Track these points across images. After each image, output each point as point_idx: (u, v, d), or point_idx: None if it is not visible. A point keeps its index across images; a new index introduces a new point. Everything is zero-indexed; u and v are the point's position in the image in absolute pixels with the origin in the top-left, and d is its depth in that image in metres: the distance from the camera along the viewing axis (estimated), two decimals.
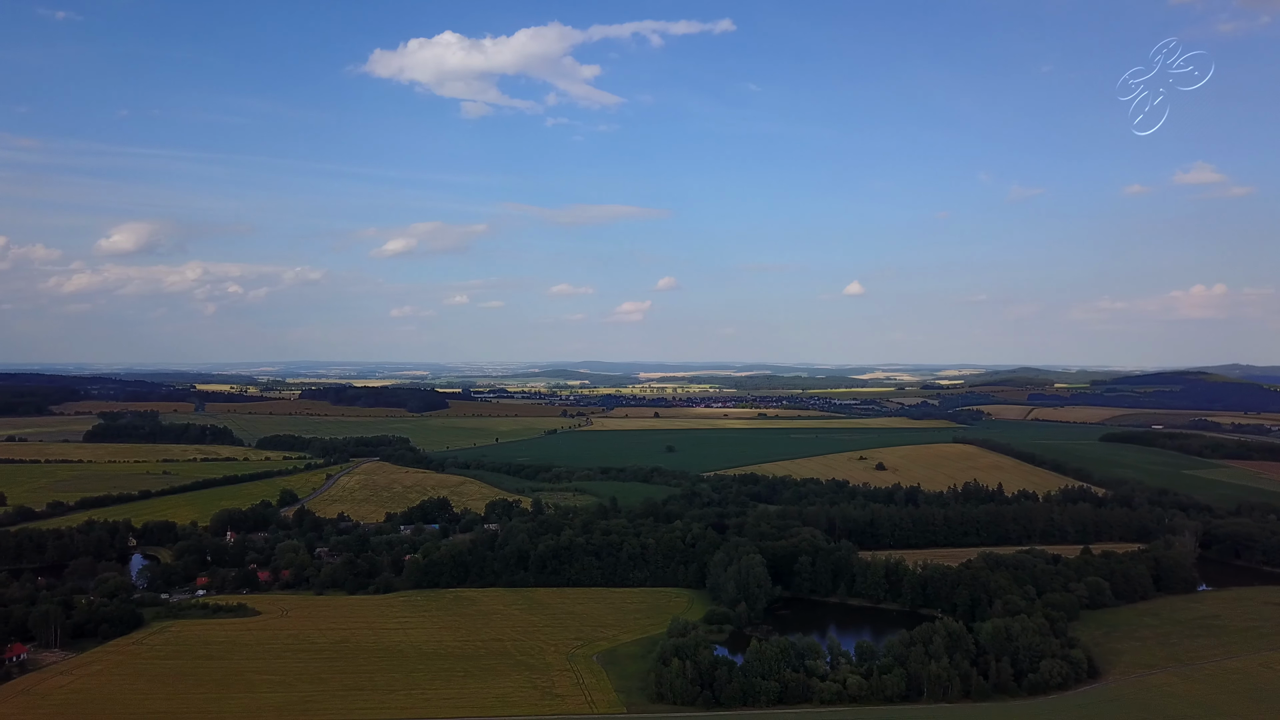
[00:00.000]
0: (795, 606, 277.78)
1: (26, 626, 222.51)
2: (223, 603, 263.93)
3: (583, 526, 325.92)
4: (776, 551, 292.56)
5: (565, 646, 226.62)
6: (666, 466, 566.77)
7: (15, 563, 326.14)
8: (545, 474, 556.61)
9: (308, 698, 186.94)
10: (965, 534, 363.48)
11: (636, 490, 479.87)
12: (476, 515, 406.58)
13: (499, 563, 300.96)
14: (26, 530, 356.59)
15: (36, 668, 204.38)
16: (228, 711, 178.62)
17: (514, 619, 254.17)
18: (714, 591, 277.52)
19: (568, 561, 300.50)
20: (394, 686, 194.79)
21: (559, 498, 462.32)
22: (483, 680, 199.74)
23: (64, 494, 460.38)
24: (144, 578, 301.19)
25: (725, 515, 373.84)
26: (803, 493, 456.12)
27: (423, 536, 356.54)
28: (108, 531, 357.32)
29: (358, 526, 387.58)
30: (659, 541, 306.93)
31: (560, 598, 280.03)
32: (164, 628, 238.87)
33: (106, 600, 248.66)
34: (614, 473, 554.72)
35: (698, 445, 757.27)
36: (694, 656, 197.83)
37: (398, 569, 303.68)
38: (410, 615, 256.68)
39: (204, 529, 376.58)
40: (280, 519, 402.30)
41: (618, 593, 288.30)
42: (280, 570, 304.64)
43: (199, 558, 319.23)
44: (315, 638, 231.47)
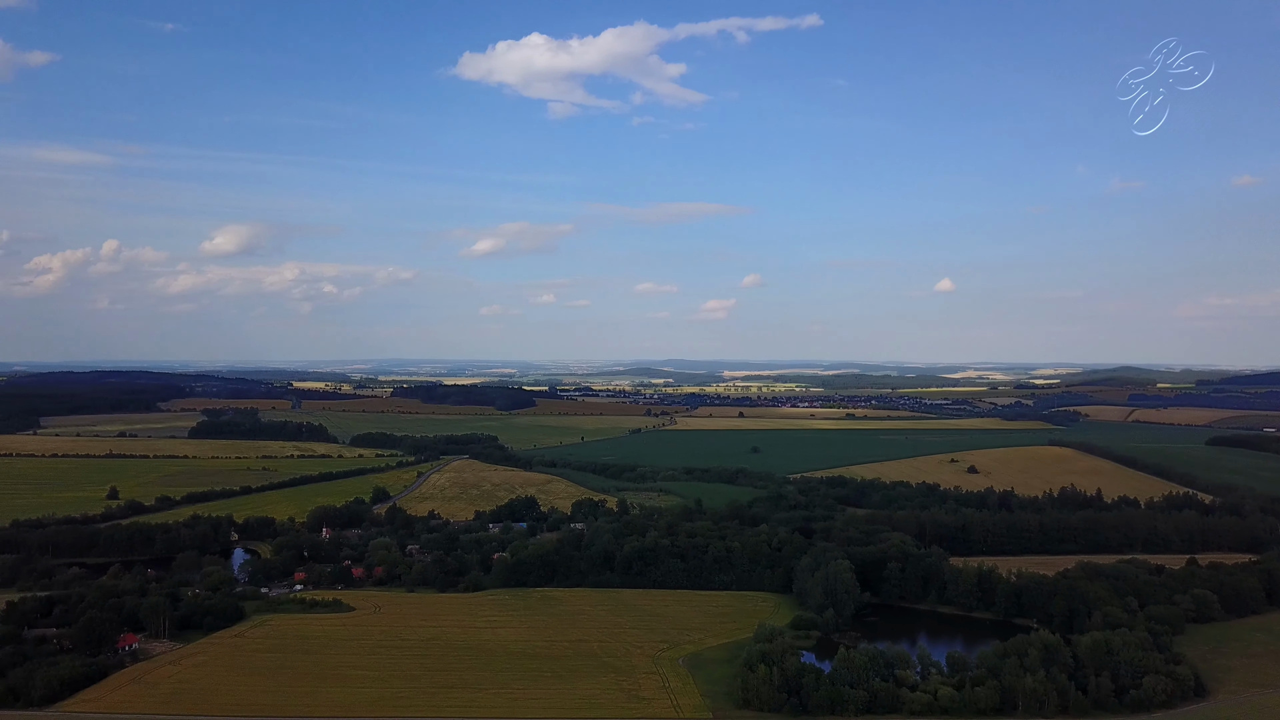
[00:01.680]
0: (884, 613, 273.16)
1: (137, 617, 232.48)
2: (318, 598, 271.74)
3: (667, 528, 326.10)
4: (864, 557, 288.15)
5: (651, 649, 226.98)
6: (751, 468, 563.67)
7: (127, 554, 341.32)
8: (630, 474, 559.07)
9: (400, 694, 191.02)
10: (1061, 541, 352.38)
11: (721, 492, 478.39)
12: (563, 514, 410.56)
13: (585, 563, 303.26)
14: (137, 524, 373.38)
15: (146, 657, 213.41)
16: (323, 705, 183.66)
17: (600, 620, 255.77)
18: (800, 597, 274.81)
19: (652, 563, 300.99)
20: (482, 685, 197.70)
21: (643, 498, 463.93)
22: (569, 681, 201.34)
23: (171, 489, 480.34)
24: (245, 572, 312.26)
25: (812, 519, 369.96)
26: (891, 496, 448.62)
27: (510, 535, 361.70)
28: (211, 526, 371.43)
29: (447, 524, 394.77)
30: (744, 545, 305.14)
31: (645, 599, 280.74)
32: (263, 621, 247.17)
33: (210, 593, 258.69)
34: (698, 473, 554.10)
35: (783, 446, 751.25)
36: (780, 663, 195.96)
37: (486, 567, 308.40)
38: (498, 614, 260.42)
39: (301, 525, 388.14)
40: (373, 516, 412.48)
41: (702, 595, 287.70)
42: (373, 567, 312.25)
43: (296, 553, 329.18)
44: (406, 634, 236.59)
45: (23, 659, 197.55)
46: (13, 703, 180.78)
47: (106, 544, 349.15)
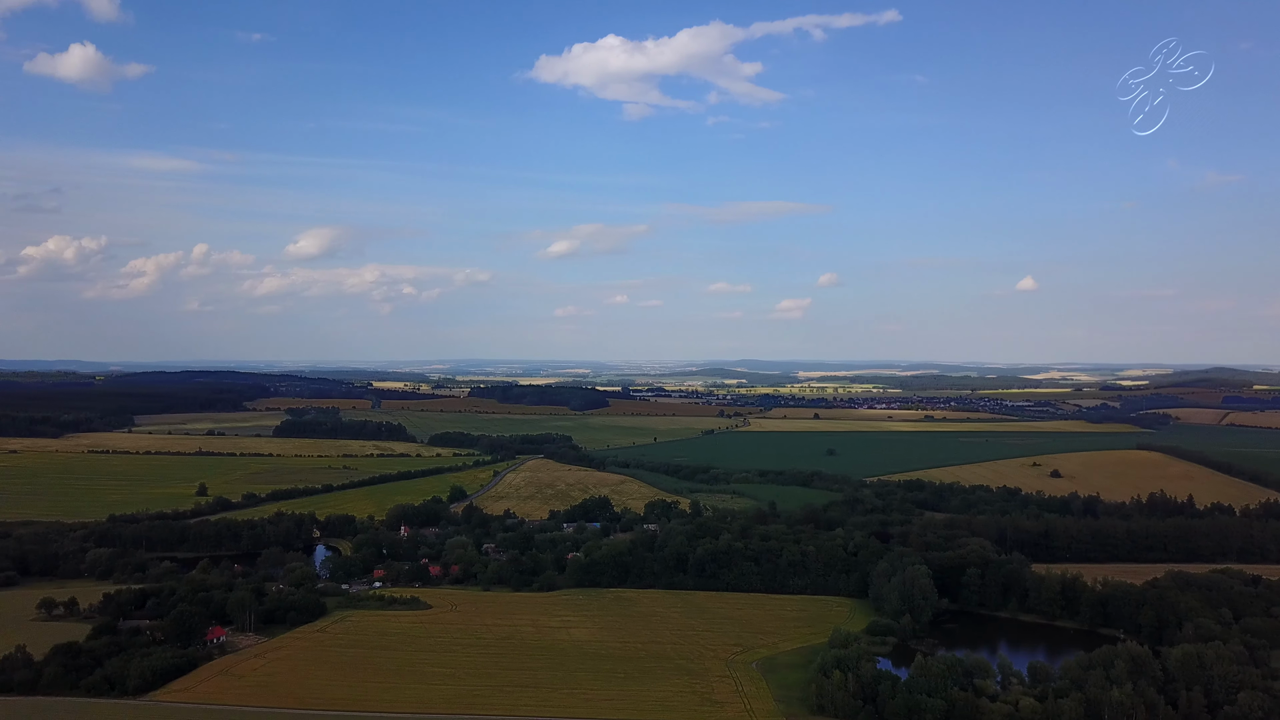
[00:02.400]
0: (962, 620, 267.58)
1: (225, 611, 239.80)
2: (397, 595, 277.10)
3: (741, 531, 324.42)
4: (943, 562, 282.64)
5: (724, 652, 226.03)
6: (827, 470, 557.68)
7: (215, 550, 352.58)
8: (703, 475, 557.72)
9: (475, 691, 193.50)
10: (1150, 549, 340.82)
11: (796, 495, 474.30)
12: (636, 515, 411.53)
13: (658, 564, 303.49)
14: (224, 520, 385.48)
15: (233, 650, 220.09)
16: (402, 701, 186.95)
17: (673, 622, 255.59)
18: (876, 602, 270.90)
19: (726, 566, 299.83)
20: (556, 685, 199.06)
21: (717, 500, 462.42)
22: (642, 683, 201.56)
23: (257, 486, 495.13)
24: (326, 568, 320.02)
25: (889, 523, 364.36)
26: (971, 500, 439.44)
27: (584, 535, 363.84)
28: (294, 523, 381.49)
29: (522, 523, 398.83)
30: (819, 549, 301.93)
31: (719, 602, 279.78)
32: (344, 617, 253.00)
33: (293, 589, 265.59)
34: (772, 476, 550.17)
35: (860, 448, 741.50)
36: (856, 669, 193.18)
37: (560, 567, 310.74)
38: (572, 614, 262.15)
39: (380, 523, 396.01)
40: (450, 514, 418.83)
41: (776, 599, 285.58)
42: (450, 565, 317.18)
43: (376, 551, 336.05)
44: (482, 633, 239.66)
45: (119, 649, 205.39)
46: (109, 691, 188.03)
47: (196, 539, 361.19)
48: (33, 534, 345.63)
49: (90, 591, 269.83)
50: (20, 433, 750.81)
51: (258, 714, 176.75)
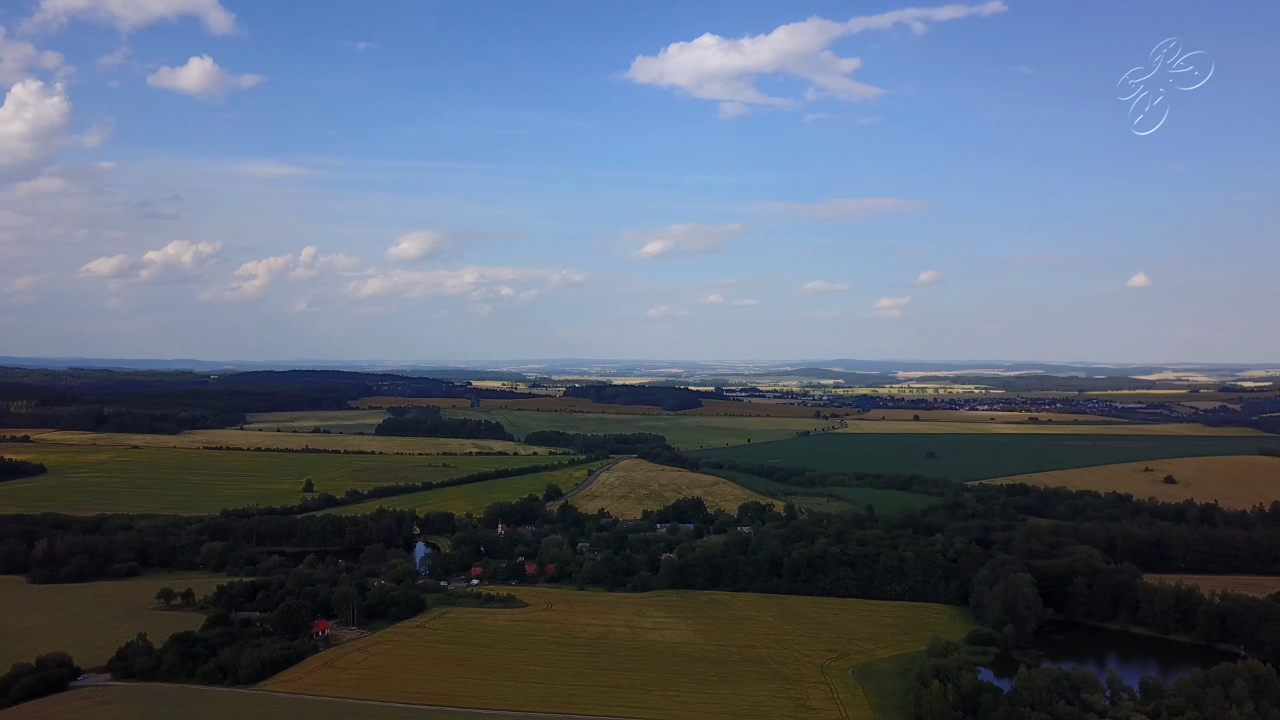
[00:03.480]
0: (1068, 631, 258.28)
1: (329, 605, 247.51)
2: (494, 593, 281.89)
3: (837, 535, 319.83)
4: (1047, 571, 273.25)
5: (819, 658, 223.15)
6: (926, 474, 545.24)
7: (320, 544, 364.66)
8: (798, 477, 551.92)
9: (570, 691, 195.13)
10: (1273, 561, 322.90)
11: (893, 498, 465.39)
12: (730, 517, 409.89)
13: (752, 567, 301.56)
14: (329, 516, 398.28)
15: (338, 643, 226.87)
16: (498, 698, 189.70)
17: (767, 626, 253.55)
18: (977, 610, 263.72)
19: (821, 570, 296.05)
20: (650, 686, 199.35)
21: (812, 503, 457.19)
22: (736, 687, 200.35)
23: (360, 483, 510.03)
24: (426, 565, 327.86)
25: (990, 529, 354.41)
26: (1078, 507, 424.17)
27: (678, 536, 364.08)
28: (396, 520, 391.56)
29: (616, 523, 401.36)
30: (918, 555, 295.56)
31: (814, 607, 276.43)
32: (443, 614, 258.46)
33: (394, 585, 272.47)
34: (869, 479, 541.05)
35: (961, 451, 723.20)
36: (956, 679, 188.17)
37: (654, 568, 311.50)
38: (665, 616, 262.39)
39: (478, 520, 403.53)
40: (545, 513, 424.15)
41: (873, 605, 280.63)
42: (545, 564, 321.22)
43: (473, 548, 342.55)
44: (577, 632, 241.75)
45: (231, 639, 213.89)
46: (222, 679, 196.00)
47: (303, 534, 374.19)
48: (153, 527, 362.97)
49: (205, 583, 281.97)
50: (141, 429, 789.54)
51: (360, 707, 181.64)
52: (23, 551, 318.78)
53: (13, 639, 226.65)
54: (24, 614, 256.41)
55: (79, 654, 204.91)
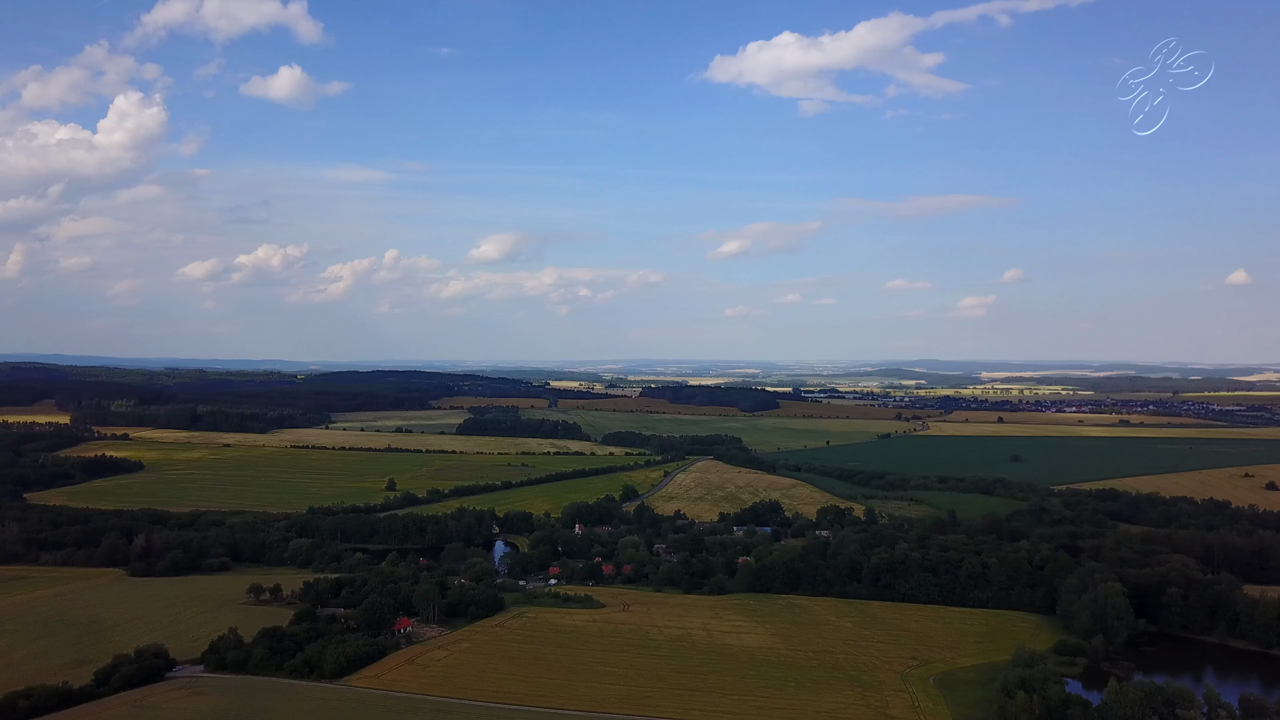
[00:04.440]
0: (1161, 643, 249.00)
1: (411, 602, 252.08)
2: (571, 593, 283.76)
3: (918, 540, 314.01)
4: (1139, 580, 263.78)
5: (899, 665, 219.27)
6: (1011, 478, 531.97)
7: (402, 542, 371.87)
8: (878, 481, 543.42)
9: (646, 693, 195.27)
10: None
11: (976, 503, 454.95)
12: (808, 520, 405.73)
13: (830, 572, 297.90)
14: (411, 514, 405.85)
15: (419, 640, 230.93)
16: (574, 698, 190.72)
17: (845, 631, 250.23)
18: (1064, 620, 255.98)
19: (901, 576, 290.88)
20: (727, 690, 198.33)
21: (892, 507, 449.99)
22: (814, 692, 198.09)
23: (441, 482, 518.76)
24: (504, 564, 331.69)
25: (1079, 535, 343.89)
26: (1172, 514, 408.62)
27: (755, 539, 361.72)
28: (475, 519, 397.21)
29: (693, 525, 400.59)
30: (1002, 561, 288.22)
31: (894, 613, 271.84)
32: (521, 613, 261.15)
33: (474, 584, 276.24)
34: (952, 482, 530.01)
35: (1047, 455, 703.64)
36: (1043, 690, 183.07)
37: (730, 571, 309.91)
38: (742, 619, 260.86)
39: (555, 520, 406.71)
40: (622, 514, 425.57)
41: (955, 612, 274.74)
42: (622, 565, 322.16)
43: (551, 548, 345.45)
44: (653, 634, 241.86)
45: (317, 635, 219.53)
46: (308, 674, 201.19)
47: (386, 532, 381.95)
48: (243, 523, 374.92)
49: (292, 579, 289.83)
50: (232, 428, 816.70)
51: (441, 704, 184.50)
52: (122, 546, 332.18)
53: (113, 629, 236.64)
54: (123, 606, 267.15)
55: (174, 646, 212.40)
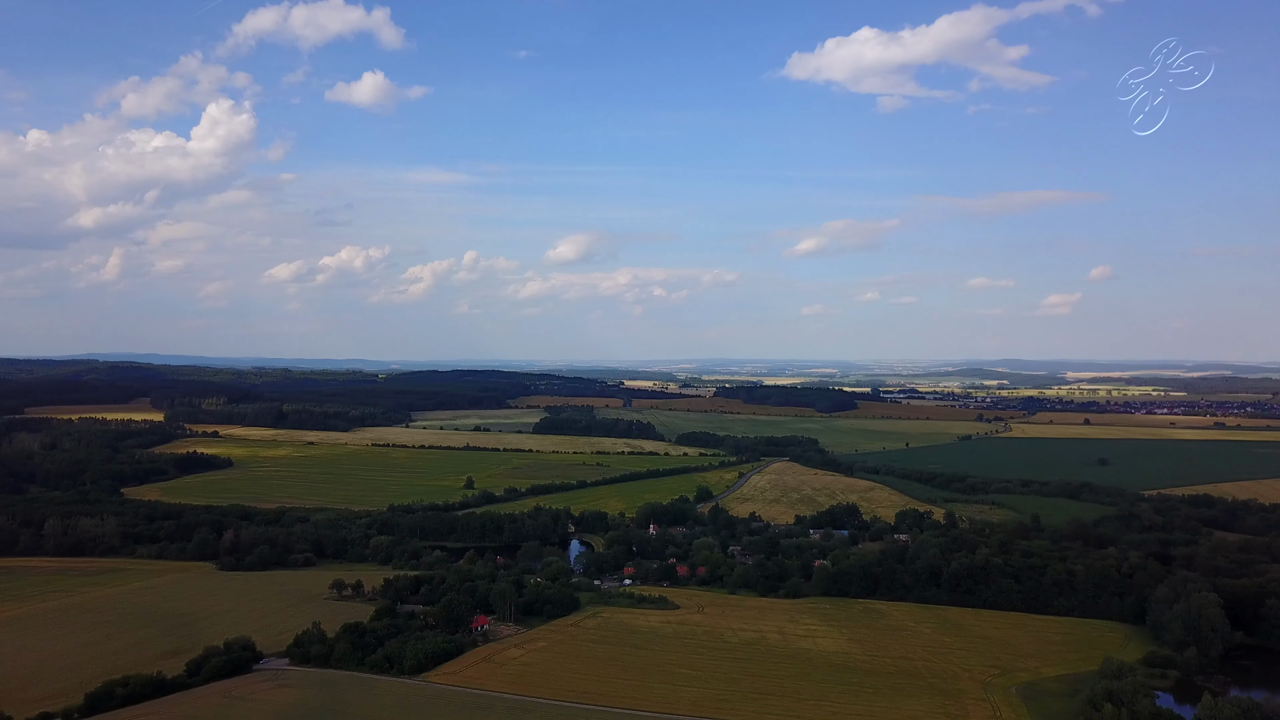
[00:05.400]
0: (1261, 657, 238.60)
1: (488, 601, 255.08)
2: (645, 593, 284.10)
3: (1000, 546, 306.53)
4: (1236, 591, 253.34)
5: (980, 673, 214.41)
6: (1098, 482, 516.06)
7: (479, 540, 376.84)
8: (958, 484, 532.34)
9: (721, 695, 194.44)
10: None
11: (1061, 507, 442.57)
12: (886, 524, 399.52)
13: (909, 576, 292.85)
14: (488, 513, 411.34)
15: (495, 638, 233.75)
16: (649, 699, 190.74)
17: (924, 638, 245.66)
18: (1155, 630, 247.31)
19: (982, 582, 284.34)
20: (802, 694, 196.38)
21: (973, 511, 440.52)
22: (891, 699, 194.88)
23: (517, 480, 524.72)
24: (580, 564, 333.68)
25: (1170, 543, 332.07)
26: (1271, 521, 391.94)
27: (831, 542, 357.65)
28: (551, 518, 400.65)
29: (768, 527, 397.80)
30: (1088, 568, 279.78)
31: (974, 619, 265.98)
32: (596, 613, 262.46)
33: (549, 583, 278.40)
34: (1035, 486, 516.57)
35: (1137, 458, 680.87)
36: (1131, 703, 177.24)
37: (806, 574, 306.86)
38: (819, 623, 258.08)
39: (630, 520, 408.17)
40: (696, 514, 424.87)
41: (1038, 620, 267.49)
42: (697, 566, 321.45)
43: (626, 548, 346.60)
44: (728, 636, 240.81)
45: (396, 631, 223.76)
46: (388, 669, 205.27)
47: (463, 530, 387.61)
48: (326, 520, 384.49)
49: (373, 575, 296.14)
50: (316, 426, 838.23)
51: (517, 702, 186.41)
52: (212, 540, 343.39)
53: (204, 621, 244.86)
54: (213, 599, 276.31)
55: (260, 639, 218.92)
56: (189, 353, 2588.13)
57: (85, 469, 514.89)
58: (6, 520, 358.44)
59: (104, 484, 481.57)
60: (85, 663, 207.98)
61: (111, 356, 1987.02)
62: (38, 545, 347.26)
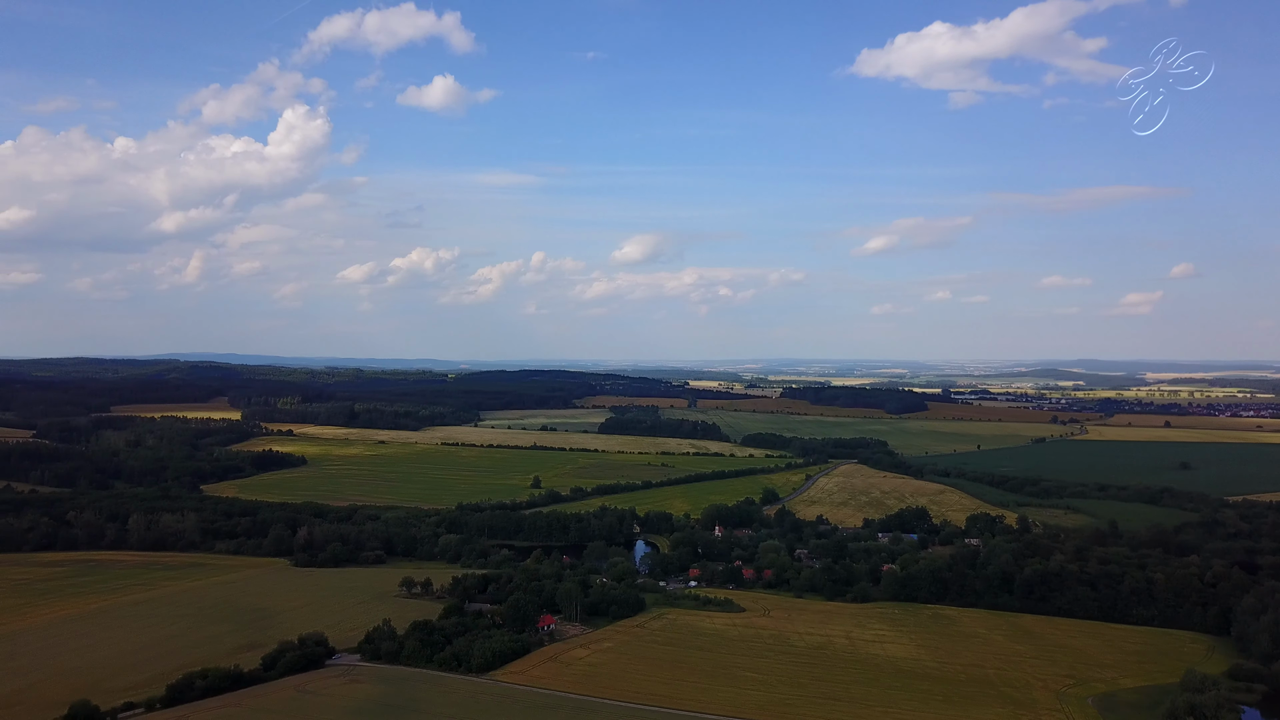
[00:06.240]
0: None
1: (554, 600, 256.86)
2: (711, 596, 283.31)
3: (1075, 552, 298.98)
4: None
5: (1055, 683, 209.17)
6: (1179, 487, 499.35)
7: (546, 540, 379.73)
8: (1031, 487, 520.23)
9: (786, 700, 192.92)
10: None
11: (1140, 513, 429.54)
12: (956, 528, 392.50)
13: (980, 582, 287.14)
14: (555, 512, 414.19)
15: (561, 638, 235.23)
16: (714, 702, 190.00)
17: (996, 645, 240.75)
18: (1240, 642, 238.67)
19: (1057, 589, 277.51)
20: (869, 701, 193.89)
21: (1047, 515, 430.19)
22: (961, 708, 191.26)
23: (583, 480, 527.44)
24: (645, 564, 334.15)
25: (1256, 551, 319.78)
26: None
27: (900, 546, 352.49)
28: (617, 518, 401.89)
29: (835, 530, 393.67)
30: (1168, 577, 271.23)
31: (1048, 627, 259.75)
32: (661, 614, 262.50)
33: (615, 584, 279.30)
34: (1113, 491, 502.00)
35: (1221, 462, 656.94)
36: (1214, 717, 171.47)
37: (874, 578, 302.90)
38: (887, 628, 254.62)
39: (695, 521, 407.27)
40: (762, 517, 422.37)
41: (1115, 629, 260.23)
42: (763, 569, 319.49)
43: (691, 550, 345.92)
44: (794, 640, 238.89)
45: (464, 629, 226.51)
46: (456, 667, 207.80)
47: (530, 529, 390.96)
48: (396, 518, 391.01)
49: (441, 573, 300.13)
50: (387, 425, 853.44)
51: (583, 702, 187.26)
52: (287, 537, 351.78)
53: (278, 617, 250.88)
54: (287, 594, 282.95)
55: (332, 635, 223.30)
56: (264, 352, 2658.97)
57: (167, 466, 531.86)
58: (94, 516, 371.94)
59: (184, 481, 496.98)
60: (166, 654, 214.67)
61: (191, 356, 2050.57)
62: (123, 539, 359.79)
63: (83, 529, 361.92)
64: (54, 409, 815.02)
